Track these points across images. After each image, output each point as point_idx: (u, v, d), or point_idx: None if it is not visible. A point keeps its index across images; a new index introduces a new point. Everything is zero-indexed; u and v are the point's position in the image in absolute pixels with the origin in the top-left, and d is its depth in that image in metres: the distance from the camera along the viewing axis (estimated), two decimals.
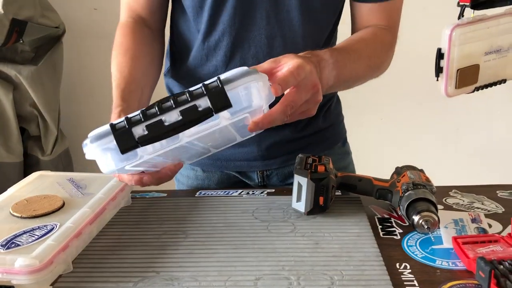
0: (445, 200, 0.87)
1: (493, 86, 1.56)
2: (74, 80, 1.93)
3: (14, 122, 1.59)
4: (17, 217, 0.76)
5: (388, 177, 0.86)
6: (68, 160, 1.78)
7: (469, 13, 1.50)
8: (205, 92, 0.54)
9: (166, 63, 1.03)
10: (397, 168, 0.86)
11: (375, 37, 0.92)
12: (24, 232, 0.71)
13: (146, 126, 0.54)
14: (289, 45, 0.89)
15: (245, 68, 0.60)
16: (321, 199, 0.81)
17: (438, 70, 1.46)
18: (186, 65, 0.96)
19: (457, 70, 1.46)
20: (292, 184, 0.84)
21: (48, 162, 1.65)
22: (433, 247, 0.72)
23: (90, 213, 0.77)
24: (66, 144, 1.76)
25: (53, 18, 1.60)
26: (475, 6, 1.45)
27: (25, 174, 1.62)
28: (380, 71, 0.94)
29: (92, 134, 0.59)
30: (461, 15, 1.48)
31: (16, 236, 0.70)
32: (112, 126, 0.56)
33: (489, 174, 1.93)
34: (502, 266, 0.62)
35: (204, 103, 0.54)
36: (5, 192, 0.86)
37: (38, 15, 1.52)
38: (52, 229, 0.72)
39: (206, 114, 0.54)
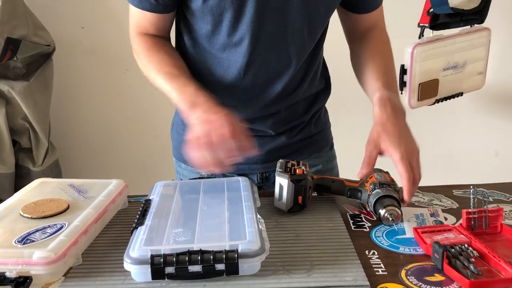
0: None
1: (452, 99, 1.71)
2: (64, 94, 1.99)
3: (6, 134, 1.64)
4: (28, 218, 0.83)
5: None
6: (58, 170, 1.83)
7: (428, 33, 1.65)
8: (224, 261, 0.69)
9: None
10: None
11: (384, 43, 1.10)
12: (37, 230, 0.78)
13: (176, 268, 0.70)
14: (293, 61, 1.01)
15: (259, 244, 0.72)
16: (300, 198, 0.90)
17: (402, 84, 1.60)
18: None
19: (419, 84, 1.61)
20: None
21: (39, 173, 1.69)
22: (397, 237, 0.83)
23: (94, 213, 0.85)
24: (56, 156, 1.82)
25: (44, 36, 1.67)
26: (433, 27, 1.62)
27: (17, 184, 1.68)
28: None
29: (133, 256, 0.71)
30: (421, 34, 1.63)
31: (30, 234, 0.77)
32: (151, 261, 0.70)
33: (447, 179, 2.07)
34: (453, 249, 0.73)
35: (221, 266, 0.70)
36: (11, 197, 0.93)
37: (31, 34, 1.59)
38: (62, 227, 0.79)
39: (219, 274, 0.70)
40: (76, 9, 1.91)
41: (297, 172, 0.91)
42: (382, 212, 0.85)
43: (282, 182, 0.91)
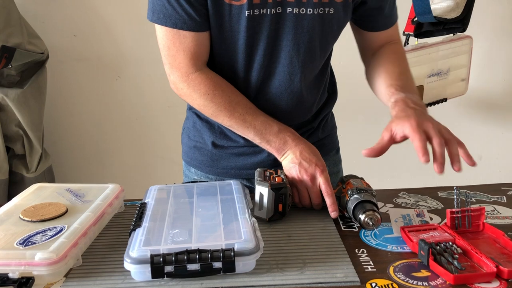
0: (395, 200, 1.02)
1: (436, 105, 1.76)
2: (57, 101, 2.01)
3: (0, 141, 1.65)
4: (27, 221, 0.85)
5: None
6: (51, 177, 1.84)
7: (413, 41, 1.70)
8: (221, 259, 0.72)
9: None
10: (341, 178, 1.00)
11: (395, 51, 1.11)
12: (37, 233, 0.81)
13: (175, 267, 0.72)
14: (307, 76, 1.05)
15: (254, 243, 0.75)
16: (280, 206, 0.91)
17: None
18: None
19: None
20: None
21: (33, 179, 1.70)
22: (385, 236, 0.86)
23: (93, 216, 0.87)
24: (50, 162, 1.83)
25: (38, 44, 1.69)
26: (418, 35, 1.67)
27: (10, 191, 1.68)
28: None
29: (133, 255, 0.73)
30: (406, 42, 1.69)
31: (31, 236, 0.79)
32: (151, 260, 0.73)
33: (433, 181, 2.12)
34: (438, 247, 0.77)
35: (218, 265, 0.73)
36: (9, 202, 0.94)
37: (25, 42, 1.61)
38: (62, 229, 0.82)
39: (217, 272, 0.73)
40: (69, 18, 1.94)
41: (276, 180, 0.92)
42: (362, 217, 0.87)
43: (262, 191, 0.91)
